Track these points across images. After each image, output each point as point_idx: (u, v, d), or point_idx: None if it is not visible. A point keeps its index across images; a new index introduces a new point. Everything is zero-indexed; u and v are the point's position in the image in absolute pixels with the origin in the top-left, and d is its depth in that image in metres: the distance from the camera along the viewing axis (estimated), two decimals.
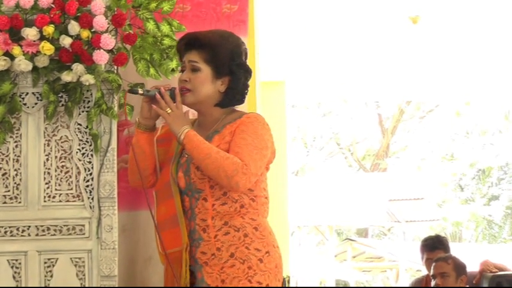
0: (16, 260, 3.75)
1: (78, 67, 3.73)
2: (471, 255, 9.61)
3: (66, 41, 3.72)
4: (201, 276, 3.16)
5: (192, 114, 3.56)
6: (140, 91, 3.08)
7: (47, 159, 3.82)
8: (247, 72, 3.31)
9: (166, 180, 3.26)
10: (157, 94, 3.16)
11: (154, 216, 3.28)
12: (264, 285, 3.12)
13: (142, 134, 3.30)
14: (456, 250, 6.70)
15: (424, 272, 6.16)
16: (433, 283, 5.42)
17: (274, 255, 3.17)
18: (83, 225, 3.79)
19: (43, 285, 3.73)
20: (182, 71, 3.30)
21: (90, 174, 3.81)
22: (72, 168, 3.82)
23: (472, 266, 5.87)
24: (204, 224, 3.16)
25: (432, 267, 5.42)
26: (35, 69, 3.76)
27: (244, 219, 3.16)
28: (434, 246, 5.93)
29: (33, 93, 3.82)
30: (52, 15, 3.72)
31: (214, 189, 3.16)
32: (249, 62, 4.05)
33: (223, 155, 3.08)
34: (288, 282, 7.43)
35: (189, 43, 3.30)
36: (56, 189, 3.81)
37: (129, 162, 3.38)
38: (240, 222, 3.15)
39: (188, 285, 3.17)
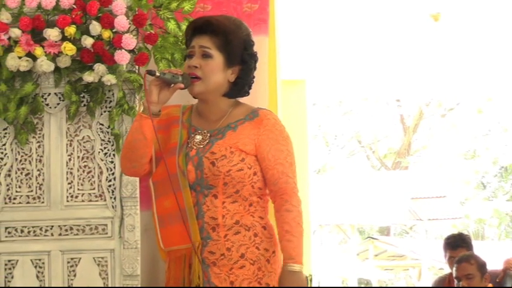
0: (39, 260, 3.77)
1: (99, 67, 3.74)
2: (494, 253, 9.55)
3: (87, 41, 3.73)
4: (207, 276, 3.03)
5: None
6: (157, 73, 3.01)
7: (70, 159, 3.83)
8: (256, 64, 3.17)
9: (172, 171, 3.06)
10: None
11: (154, 209, 3.11)
12: (271, 287, 3.03)
13: (146, 120, 3.02)
14: (479, 248, 6.66)
15: (447, 270, 6.12)
16: (456, 284, 5.38)
17: (278, 254, 3.08)
18: (106, 225, 3.81)
19: (66, 285, 3.75)
20: (190, 56, 3.08)
21: (113, 174, 3.82)
22: (94, 168, 3.84)
23: (496, 264, 5.84)
24: (214, 222, 3.03)
25: (455, 269, 5.36)
26: (57, 69, 3.78)
27: (254, 217, 3.06)
28: (457, 244, 5.90)
29: (55, 93, 3.84)
30: (73, 16, 3.73)
31: (228, 187, 3.03)
32: (269, 61, 4.05)
33: (294, 224, 3.04)
34: (310, 281, 7.41)
35: (201, 27, 3.08)
36: (78, 189, 3.83)
37: (125, 149, 3.12)
38: (250, 221, 3.05)
39: (201, 286, 3.03)
